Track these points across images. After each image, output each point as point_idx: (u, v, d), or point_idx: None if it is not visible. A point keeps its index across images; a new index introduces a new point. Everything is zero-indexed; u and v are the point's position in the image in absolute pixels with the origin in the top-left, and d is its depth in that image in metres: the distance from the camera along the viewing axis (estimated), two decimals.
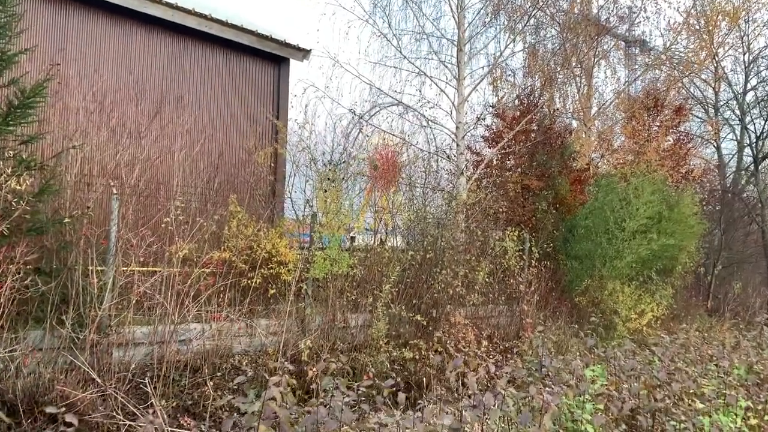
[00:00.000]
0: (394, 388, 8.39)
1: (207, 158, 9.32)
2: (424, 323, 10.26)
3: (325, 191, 9.27)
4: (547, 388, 4.71)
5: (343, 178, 9.52)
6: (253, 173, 9.17)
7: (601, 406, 4.09)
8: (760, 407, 4.54)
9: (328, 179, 9.30)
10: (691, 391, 4.56)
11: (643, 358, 8.47)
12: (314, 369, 7.13)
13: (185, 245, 7.52)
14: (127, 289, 7.14)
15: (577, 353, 11.93)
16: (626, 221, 13.71)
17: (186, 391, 7.04)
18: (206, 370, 7.52)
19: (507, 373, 7.69)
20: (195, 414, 6.88)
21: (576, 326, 13.20)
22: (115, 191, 7.34)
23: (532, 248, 13.49)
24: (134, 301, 6.95)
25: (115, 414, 5.93)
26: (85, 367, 6.24)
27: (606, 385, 4.98)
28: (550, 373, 7.98)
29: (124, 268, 7.23)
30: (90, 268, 6.80)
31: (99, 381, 6.05)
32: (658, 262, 15.20)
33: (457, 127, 13.92)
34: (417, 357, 9.20)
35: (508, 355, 11.30)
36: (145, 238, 7.40)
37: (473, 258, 12.25)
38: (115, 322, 6.97)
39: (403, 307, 10.33)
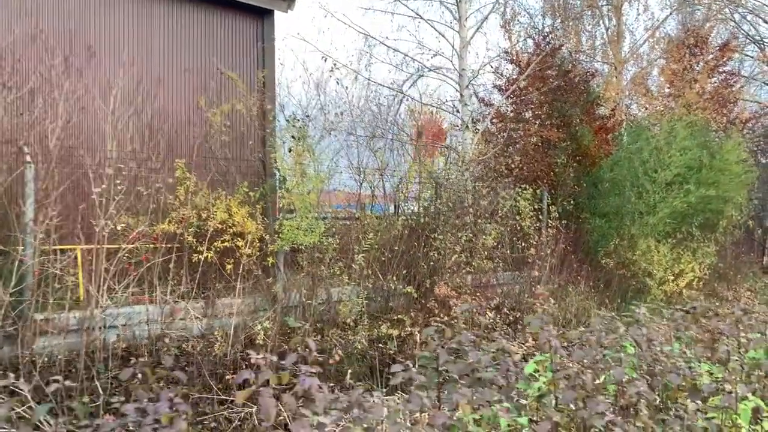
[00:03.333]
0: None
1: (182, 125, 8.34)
2: (415, 295, 9.17)
3: (290, 150, 8.18)
4: None
5: (318, 135, 8.38)
6: (207, 133, 8.12)
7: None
8: None
9: (293, 137, 8.19)
10: (682, 383, 3.34)
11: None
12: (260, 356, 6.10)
13: (117, 218, 6.58)
14: (45, 270, 6.24)
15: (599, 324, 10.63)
16: (658, 171, 12.14)
17: (111, 386, 6.15)
18: (145, 358, 6.62)
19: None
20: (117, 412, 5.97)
21: (598, 292, 11.88)
22: (29, 158, 6.43)
23: (551, 207, 12.13)
24: (54, 285, 6.06)
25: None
26: None
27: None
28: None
29: (45, 247, 6.33)
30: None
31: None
32: (699, 217, 13.59)
33: (460, 75, 12.55)
34: (401, 334, 8.10)
35: (519, 327, 10.10)
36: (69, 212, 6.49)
37: (479, 220, 11.02)
38: (33, 308, 6.09)
39: (394, 278, 9.26)
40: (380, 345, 8.28)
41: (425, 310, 8.75)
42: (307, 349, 3.04)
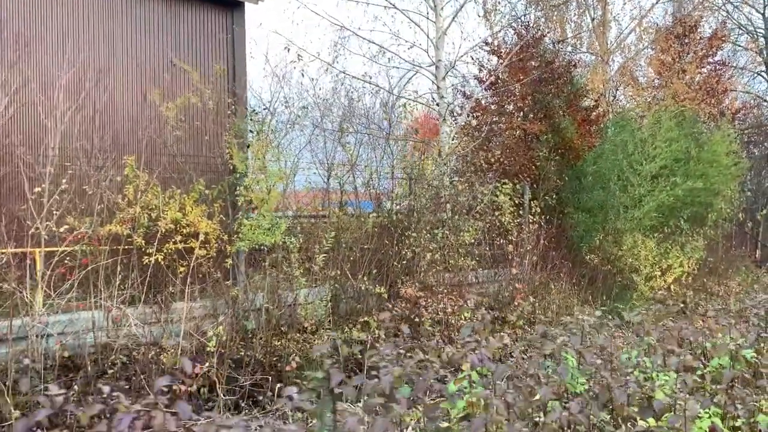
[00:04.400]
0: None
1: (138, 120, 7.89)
2: (386, 296, 8.78)
3: (248, 147, 7.76)
4: None
5: (278, 130, 7.95)
6: (163, 128, 7.69)
7: None
8: (739, 424, 2.89)
9: (251, 131, 7.78)
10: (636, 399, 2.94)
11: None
12: (201, 367, 5.73)
13: (56, 220, 6.18)
14: None
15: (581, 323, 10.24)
16: (642, 164, 11.74)
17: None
18: (88, 368, 6.22)
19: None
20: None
21: (582, 289, 11.48)
22: None
23: (532, 202, 11.72)
24: None
25: None
26: None
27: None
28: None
29: None
30: None
31: None
32: (687, 210, 13.18)
33: (436, 67, 12.11)
34: (368, 338, 7.69)
35: (497, 327, 9.70)
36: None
37: (456, 217, 10.61)
38: None
39: (365, 278, 8.86)
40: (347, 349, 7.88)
41: (394, 311, 8.33)
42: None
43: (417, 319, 8.42)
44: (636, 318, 10.71)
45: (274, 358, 7.27)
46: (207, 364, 5.96)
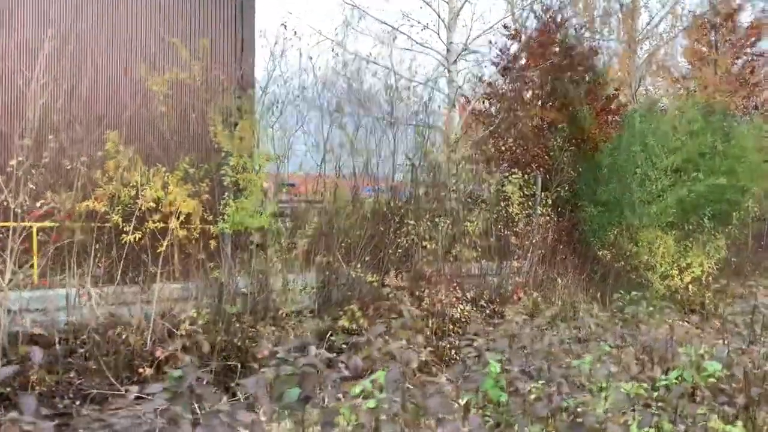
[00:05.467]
0: None
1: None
2: (378, 284, 8.51)
3: (235, 125, 7.52)
4: None
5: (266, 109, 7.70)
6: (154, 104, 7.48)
7: None
8: None
9: (238, 109, 7.53)
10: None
11: None
12: (163, 351, 5.53)
13: (25, 194, 6.03)
14: None
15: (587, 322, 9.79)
16: (661, 157, 11.16)
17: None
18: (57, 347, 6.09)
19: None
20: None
21: (592, 285, 11.01)
22: None
23: (546, 193, 11.26)
24: None
25: None
26: None
27: None
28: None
29: None
30: None
31: None
32: (711, 207, 12.53)
33: (447, 50, 11.69)
34: (352, 327, 7.44)
35: (496, 321, 9.34)
36: None
37: (460, 206, 10.26)
38: None
39: (358, 266, 8.60)
40: (332, 338, 7.64)
41: (383, 300, 8.05)
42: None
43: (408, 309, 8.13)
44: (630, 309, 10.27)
45: (254, 344, 7.06)
46: (171, 347, 5.75)
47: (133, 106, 7.38)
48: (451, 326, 8.80)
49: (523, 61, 12.85)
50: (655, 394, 3.00)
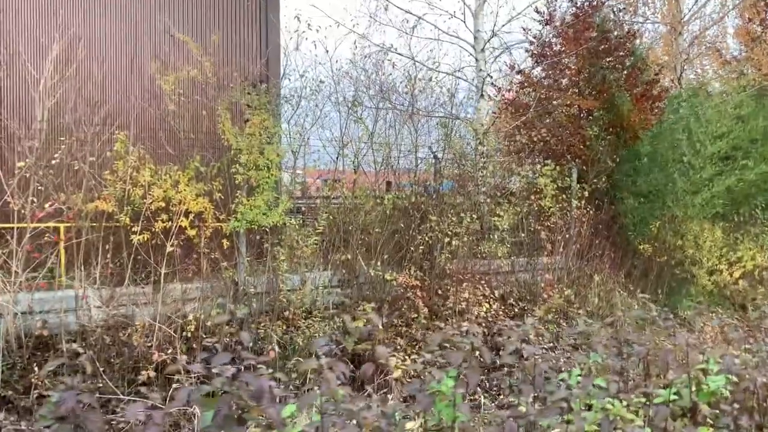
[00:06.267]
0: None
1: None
2: (396, 283, 8.22)
3: (246, 121, 7.36)
4: None
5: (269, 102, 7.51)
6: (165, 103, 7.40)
7: None
8: None
9: (248, 105, 7.36)
10: None
11: None
12: (162, 355, 5.41)
13: (30, 196, 6.02)
14: None
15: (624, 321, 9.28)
16: (706, 144, 10.48)
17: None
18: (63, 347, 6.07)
19: None
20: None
21: (633, 281, 10.44)
22: None
23: (583, 185, 10.73)
24: None
25: None
26: None
27: None
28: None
29: None
30: None
31: None
32: (763, 197, 11.75)
33: (475, 38, 11.26)
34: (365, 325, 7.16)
35: (524, 321, 8.94)
36: None
37: (488, 200, 9.88)
38: None
39: (378, 264, 8.33)
40: (347, 338, 7.41)
41: (400, 299, 7.77)
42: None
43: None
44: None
45: (267, 345, 6.90)
46: (170, 350, 5.63)
47: (146, 104, 7.30)
48: (475, 326, 8.46)
49: (557, 47, 12.31)
50: (651, 411, 2.64)
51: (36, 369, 5.71)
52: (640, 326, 9.47)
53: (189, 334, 6.23)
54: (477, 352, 2.64)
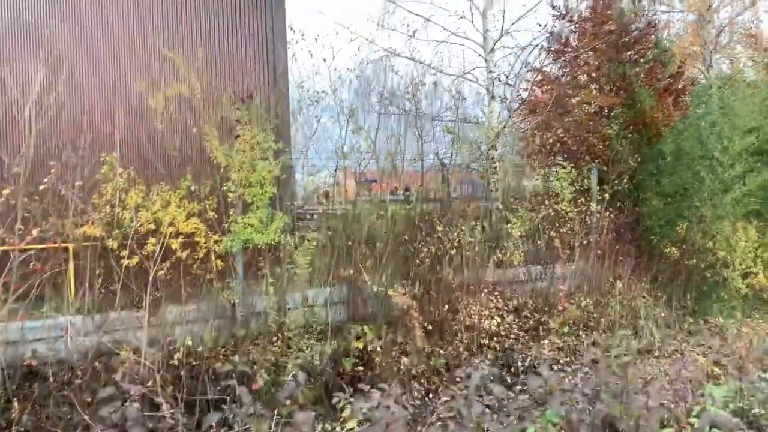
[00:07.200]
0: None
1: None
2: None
3: (237, 137, 7.16)
4: None
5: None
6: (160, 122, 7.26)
7: None
8: None
9: (237, 121, 7.17)
10: None
11: None
12: (139, 388, 5.24)
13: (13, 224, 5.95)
14: None
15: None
16: (734, 139, 9.87)
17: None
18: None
19: None
20: None
21: (659, 287, 9.90)
22: None
23: (603, 187, 10.25)
24: None
25: None
26: None
27: None
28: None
29: None
30: None
31: None
32: None
33: (484, 38, 10.86)
34: (362, 351, 6.92)
35: (541, 334, 8.52)
36: None
37: (500, 206, 9.50)
38: None
39: (382, 278, 8.05)
40: (346, 359, 7.15)
41: (401, 317, 7.46)
42: None
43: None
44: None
45: (261, 370, 6.68)
46: (150, 383, 5.46)
47: (135, 124, 7.18)
48: (486, 341, 8.10)
49: (575, 43, 11.81)
50: None
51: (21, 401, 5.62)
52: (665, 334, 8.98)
53: (176, 362, 6.04)
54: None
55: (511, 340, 8.33)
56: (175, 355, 6.13)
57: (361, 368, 6.98)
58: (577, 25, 11.85)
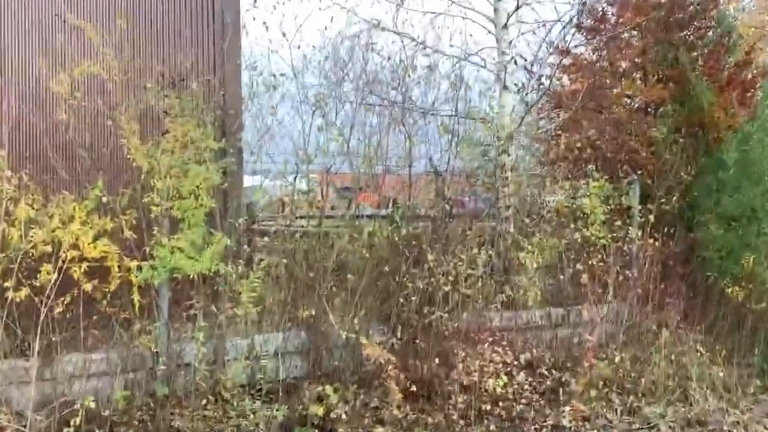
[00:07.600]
0: None
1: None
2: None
3: (164, 134, 7.10)
4: None
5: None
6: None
7: None
8: None
9: (165, 112, 7.11)
10: None
11: None
12: None
13: None
14: None
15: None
16: None
17: None
18: None
19: None
20: None
21: (717, 338, 9.89)
22: None
23: (648, 206, 10.30)
24: None
25: None
26: None
27: None
28: None
29: None
30: None
31: None
32: None
33: (495, 9, 10.90)
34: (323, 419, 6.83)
35: (561, 398, 8.48)
36: None
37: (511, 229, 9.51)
38: None
39: (354, 321, 8.02)
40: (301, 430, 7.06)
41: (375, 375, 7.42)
42: None
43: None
44: None
45: None
46: None
47: (31, 113, 7.11)
48: (488, 406, 8.04)
49: (613, 19, 11.95)
50: None
51: None
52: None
53: (72, 430, 5.93)
54: None
55: (521, 406, 8.29)
56: (72, 421, 6.03)
57: None
58: None
